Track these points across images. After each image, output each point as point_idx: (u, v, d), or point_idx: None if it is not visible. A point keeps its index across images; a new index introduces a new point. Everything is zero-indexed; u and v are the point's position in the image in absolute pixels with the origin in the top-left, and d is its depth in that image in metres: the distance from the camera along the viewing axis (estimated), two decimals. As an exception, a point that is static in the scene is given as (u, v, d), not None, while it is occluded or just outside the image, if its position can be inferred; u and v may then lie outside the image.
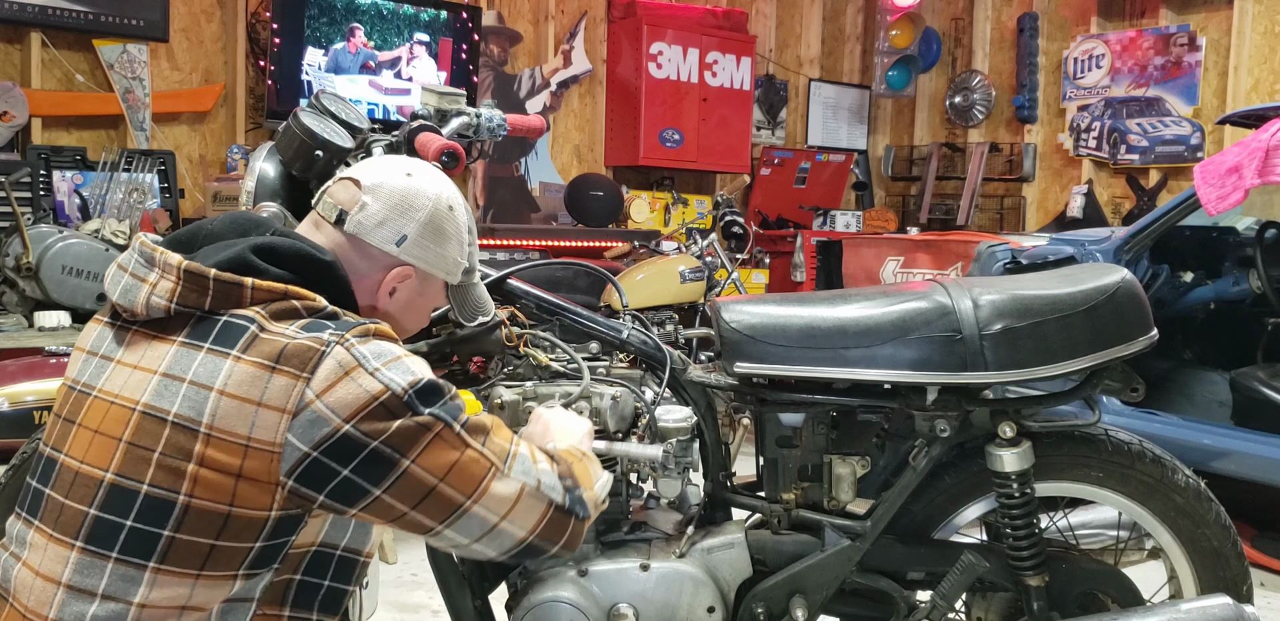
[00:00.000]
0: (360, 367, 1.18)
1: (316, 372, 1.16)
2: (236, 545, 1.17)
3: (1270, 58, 5.75)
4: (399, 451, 1.19)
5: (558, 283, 4.58)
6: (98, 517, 1.17)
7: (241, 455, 1.15)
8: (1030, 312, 1.70)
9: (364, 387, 1.17)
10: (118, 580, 1.16)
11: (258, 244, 1.25)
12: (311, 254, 1.28)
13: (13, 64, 4.57)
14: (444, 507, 1.23)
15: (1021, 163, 6.80)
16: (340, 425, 1.16)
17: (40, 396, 2.34)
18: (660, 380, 1.84)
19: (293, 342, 1.18)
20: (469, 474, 1.23)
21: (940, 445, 1.79)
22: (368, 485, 1.19)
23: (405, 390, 1.20)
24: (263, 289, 1.22)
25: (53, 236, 3.60)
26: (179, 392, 1.17)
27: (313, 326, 1.20)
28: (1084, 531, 1.98)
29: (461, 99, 1.91)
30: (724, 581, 1.82)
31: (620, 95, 6.49)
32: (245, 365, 1.17)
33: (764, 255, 6.10)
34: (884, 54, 6.98)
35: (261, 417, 1.15)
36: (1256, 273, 3.64)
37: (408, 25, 5.47)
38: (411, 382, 1.21)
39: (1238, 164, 3.13)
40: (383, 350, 1.21)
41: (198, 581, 1.17)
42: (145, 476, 1.16)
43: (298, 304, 1.22)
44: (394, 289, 1.37)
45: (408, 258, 1.36)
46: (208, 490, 1.15)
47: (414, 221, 1.35)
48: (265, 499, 1.17)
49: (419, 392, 1.21)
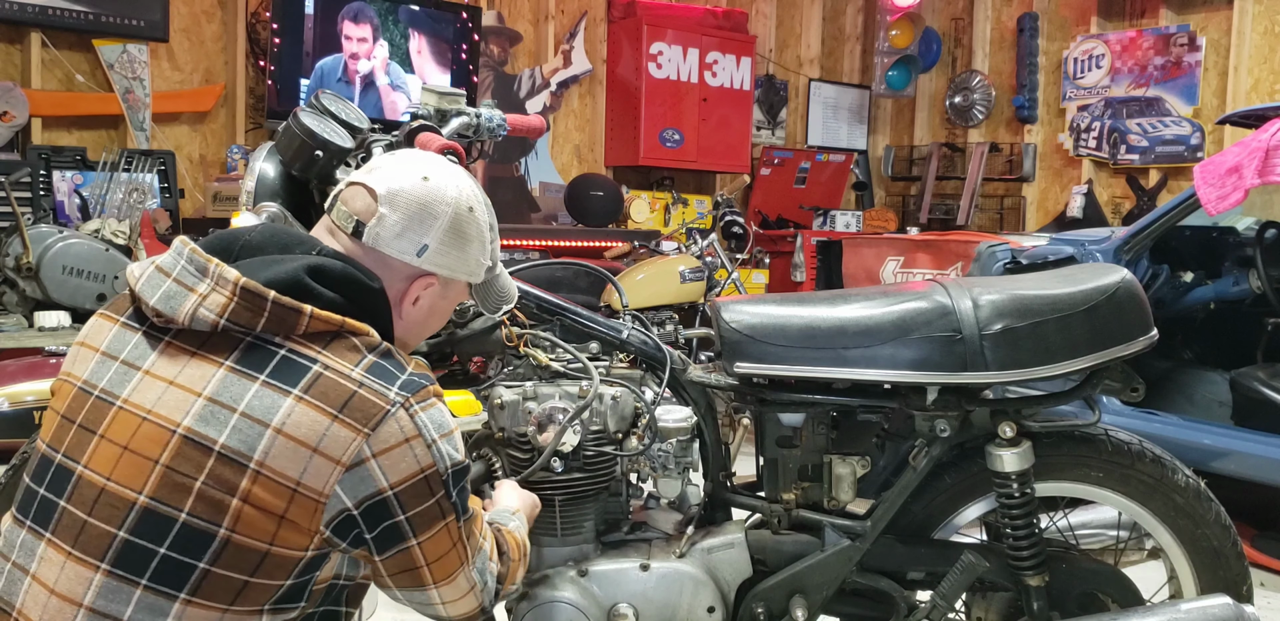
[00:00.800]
0: (420, 438, 1.20)
1: (378, 431, 1.17)
2: (268, 582, 1.16)
3: (1270, 58, 5.75)
4: (414, 530, 1.23)
5: (558, 282, 4.59)
6: (128, 541, 1.14)
7: (288, 498, 1.14)
8: (1030, 313, 1.70)
9: (418, 458, 1.20)
10: (144, 609, 1.13)
11: (311, 265, 1.21)
12: (361, 279, 1.26)
13: (13, 64, 4.57)
14: (413, 582, 1.29)
15: (1021, 163, 6.80)
16: (385, 489, 1.18)
17: (40, 396, 2.34)
18: (660, 380, 1.84)
19: (359, 392, 1.17)
20: (447, 565, 1.30)
21: (940, 445, 1.79)
22: (376, 548, 1.23)
23: (448, 469, 1.24)
24: (320, 319, 1.19)
25: (53, 236, 3.60)
26: (228, 422, 1.14)
27: (376, 370, 1.20)
28: (1084, 531, 1.98)
29: (461, 99, 1.91)
30: (724, 581, 1.82)
31: (620, 95, 6.49)
32: (307, 407, 1.14)
33: (764, 255, 6.10)
34: (884, 54, 6.98)
35: (315, 464, 1.14)
36: (1256, 272, 3.64)
37: (408, 25, 5.47)
38: (455, 462, 1.25)
39: (1238, 164, 3.13)
40: (441, 419, 1.24)
41: (225, 615, 1.15)
42: (185, 504, 1.13)
43: (356, 340, 1.21)
44: (418, 297, 1.35)
45: (430, 267, 1.32)
46: (249, 527, 1.13)
47: (434, 229, 1.31)
48: (304, 541, 1.16)
49: (455, 473, 1.26)
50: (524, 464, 1.77)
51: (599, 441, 1.78)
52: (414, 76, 5.50)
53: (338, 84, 5.23)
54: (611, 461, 1.80)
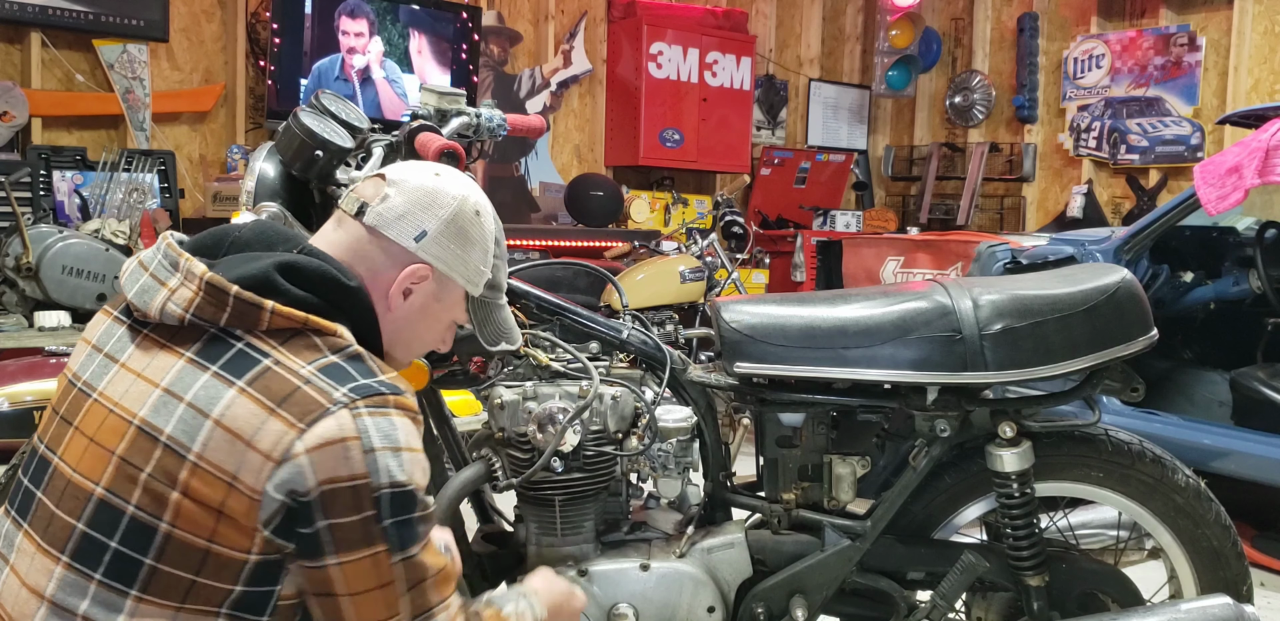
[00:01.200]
0: (358, 440, 1.12)
1: (313, 427, 1.11)
2: (216, 585, 1.12)
3: (1270, 58, 5.75)
4: (335, 546, 1.13)
5: (558, 283, 4.58)
6: (85, 534, 1.13)
7: (225, 492, 1.10)
8: (1030, 312, 1.70)
9: (350, 462, 1.11)
10: (99, 604, 1.12)
11: (282, 261, 1.19)
12: (337, 277, 1.22)
13: (13, 64, 4.57)
14: (332, 615, 1.17)
15: (1021, 163, 6.80)
16: (311, 489, 1.11)
17: (40, 396, 2.34)
18: (660, 380, 1.84)
19: (302, 388, 1.13)
20: (369, 609, 1.16)
21: (940, 445, 1.79)
22: (302, 557, 1.15)
23: (386, 488, 1.13)
24: (282, 315, 1.16)
25: (53, 236, 3.60)
26: (175, 413, 1.13)
27: (331, 370, 1.15)
28: (1084, 531, 1.98)
29: (461, 99, 1.91)
30: (724, 581, 1.82)
31: (620, 95, 6.49)
32: (247, 399, 1.12)
33: (764, 255, 6.10)
34: (884, 54, 6.98)
35: (249, 458, 1.10)
36: (1256, 272, 3.64)
37: (408, 24, 5.47)
38: (396, 483, 1.14)
39: (1238, 164, 3.13)
40: (391, 432, 1.15)
41: (179, 614, 1.12)
42: (133, 497, 1.12)
43: (319, 339, 1.18)
44: (409, 290, 1.31)
45: (425, 255, 1.30)
46: (189, 522, 1.11)
47: (436, 218, 1.30)
48: (245, 541, 1.12)
49: (394, 497, 1.14)
50: (524, 464, 1.77)
51: (599, 441, 1.78)
52: (412, 76, 5.50)
53: (336, 82, 5.23)
54: (611, 461, 1.80)
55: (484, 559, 1.87)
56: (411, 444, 1.17)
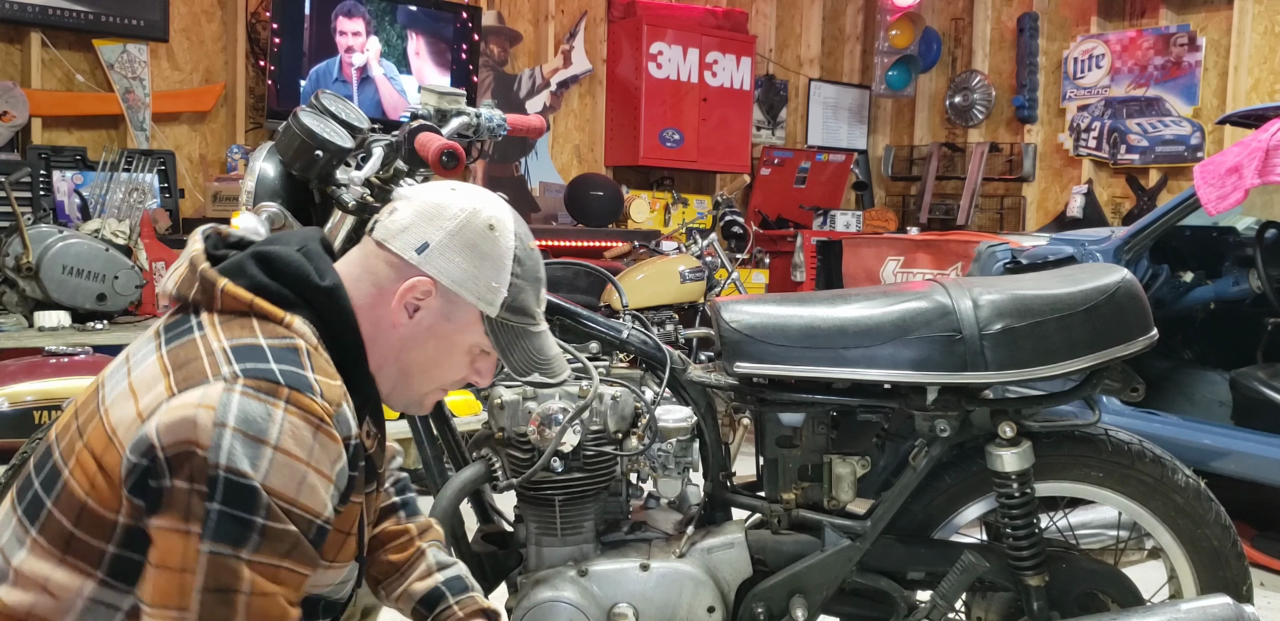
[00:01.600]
0: (211, 411, 1.05)
1: (183, 394, 1.08)
2: (91, 541, 1.11)
3: (1270, 58, 5.75)
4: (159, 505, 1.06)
5: (558, 283, 4.58)
6: (28, 476, 1.19)
7: (105, 445, 1.11)
8: (1030, 313, 1.70)
9: (196, 428, 1.05)
10: (12, 537, 1.16)
11: (260, 250, 1.21)
12: (307, 272, 1.20)
13: (13, 64, 4.57)
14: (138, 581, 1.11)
15: (1021, 163, 6.80)
16: (155, 447, 1.06)
17: (40, 396, 2.34)
18: (660, 380, 1.84)
19: (202, 360, 1.11)
20: (161, 587, 1.06)
21: (940, 445, 1.79)
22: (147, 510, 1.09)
23: (222, 470, 1.04)
24: (230, 295, 1.16)
25: (53, 236, 3.59)
26: (119, 373, 1.18)
27: (244, 350, 1.12)
28: (1084, 531, 1.98)
29: (461, 99, 1.91)
30: (724, 581, 1.82)
31: (620, 95, 6.49)
32: (156, 362, 1.14)
33: (764, 255, 6.10)
34: (884, 54, 6.98)
35: (126, 414, 1.11)
36: (1256, 272, 3.64)
37: (407, 24, 5.47)
38: (233, 469, 1.04)
39: (1238, 164, 3.13)
40: (258, 420, 1.06)
41: (61, 565, 1.12)
42: (63, 443, 1.17)
43: (257, 324, 1.15)
44: (416, 307, 1.25)
45: (428, 268, 1.24)
46: (80, 472, 1.13)
47: (440, 230, 1.25)
48: (114, 500, 1.10)
49: (229, 484, 1.04)
50: (524, 464, 1.77)
51: (599, 441, 1.78)
52: (410, 77, 5.49)
53: (335, 83, 5.23)
54: (611, 461, 1.80)
55: (484, 559, 1.87)
56: (284, 444, 1.07)
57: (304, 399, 1.10)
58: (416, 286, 1.24)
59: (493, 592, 1.87)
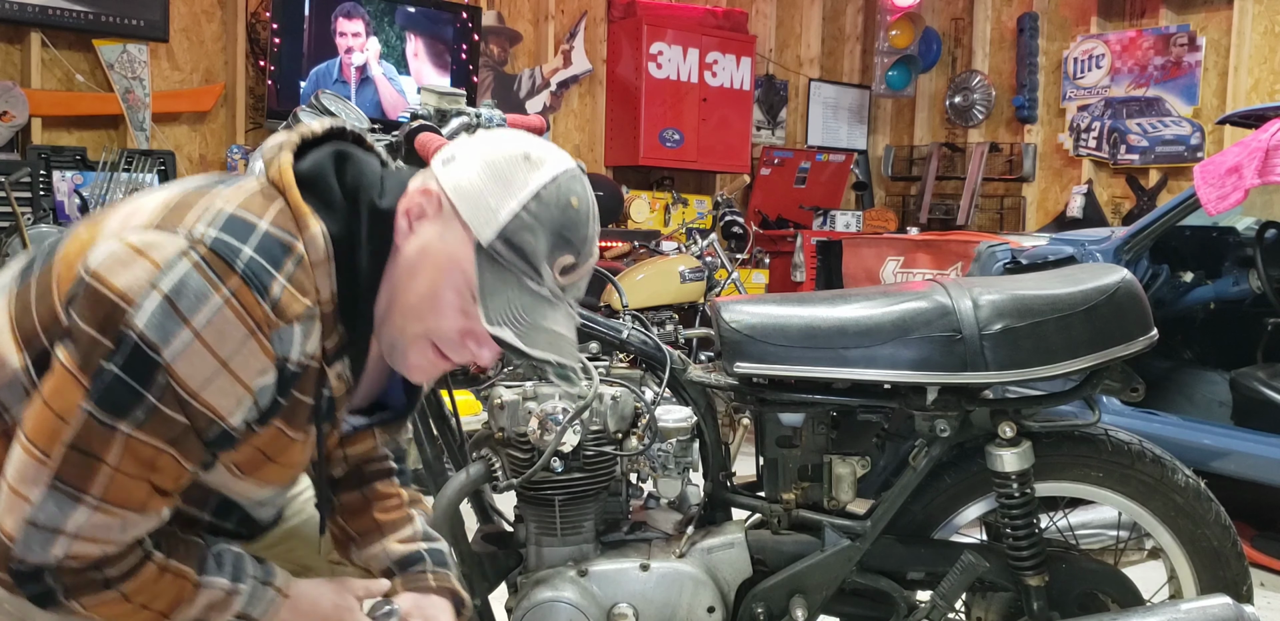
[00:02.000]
0: (155, 270, 0.98)
1: (149, 232, 1.02)
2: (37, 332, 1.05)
3: (1270, 58, 5.75)
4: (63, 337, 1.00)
5: (558, 283, 4.57)
6: None
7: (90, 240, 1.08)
8: (1030, 312, 1.70)
9: (127, 275, 0.98)
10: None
11: (345, 150, 1.17)
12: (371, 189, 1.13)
13: (13, 64, 4.57)
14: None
15: (1021, 163, 6.80)
16: (86, 274, 1.00)
17: (40, 396, 2.33)
18: (660, 380, 1.84)
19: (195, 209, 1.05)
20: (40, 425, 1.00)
21: (940, 445, 1.79)
22: None
23: (133, 330, 0.97)
24: (279, 171, 1.10)
25: (53, 236, 3.59)
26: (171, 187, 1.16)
27: (234, 224, 1.03)
28: (1084, 531, 1.98)
29: (461, 99, 1.91)
30: (724, 581, 1.82)
31: (620, 95, 6.49)
32: (175, 190, 1.12)
33: (764, 255, 6.11)
34: (884, 54, 6.98)
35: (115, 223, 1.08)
36: (1256, 272, 3.64)
37: (407, 25, 5.47)
38: (145, 338, 0.97)
39: (1238, 164, 3.13)
40: (194, 297, 0.98)
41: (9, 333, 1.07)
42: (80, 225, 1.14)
43: (275, 208, 1.07)
44: (419, 216, 1.14)
45: (442, 176, 1.15)
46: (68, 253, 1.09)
47: (476, 151, 1.16)
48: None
49: (135, 351, 0.98)
50: (524, 464, 1.77)
51: (599, 441, 1.78)
52: (409, 78, 5.49)
53: (335, 84, 5.23)
54: (611, 461, 1.80)
55: (484, 559, 1.87)
56: (205, 334, 0.98)
57: (249, 296, 1.01)
58: (421, 190, 1.15)
59: (493, 592, 1.87)
